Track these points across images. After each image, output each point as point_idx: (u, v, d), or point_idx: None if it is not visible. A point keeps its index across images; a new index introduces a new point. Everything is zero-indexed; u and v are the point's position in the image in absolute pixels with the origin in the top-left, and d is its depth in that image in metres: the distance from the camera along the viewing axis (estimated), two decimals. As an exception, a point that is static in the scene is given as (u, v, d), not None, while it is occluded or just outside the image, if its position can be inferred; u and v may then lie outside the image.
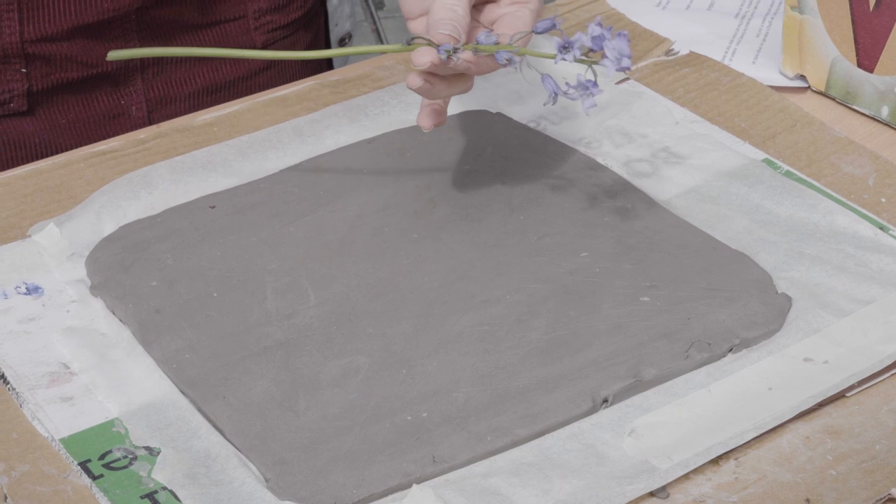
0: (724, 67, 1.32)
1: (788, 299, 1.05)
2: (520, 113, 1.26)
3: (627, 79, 1.30)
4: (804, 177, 1.18)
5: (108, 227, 1.13)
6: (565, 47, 1.02)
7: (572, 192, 1.15)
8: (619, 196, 1.15)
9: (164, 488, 0.92)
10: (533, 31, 1.06)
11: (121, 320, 1.05)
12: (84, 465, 0.94)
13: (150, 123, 1.23)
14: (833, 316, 1.04)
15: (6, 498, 0.92)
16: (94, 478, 0.93)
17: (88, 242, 1.12)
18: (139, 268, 1.08)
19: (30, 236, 1.13)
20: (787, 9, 1.28)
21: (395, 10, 3.41)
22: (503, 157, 1.20)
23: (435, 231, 1.12)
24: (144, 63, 1.33)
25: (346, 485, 0.92)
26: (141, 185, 1.16)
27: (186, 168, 1.18)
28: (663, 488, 0.92)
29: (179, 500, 0.91)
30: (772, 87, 1.30)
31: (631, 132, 1.24)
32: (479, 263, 1.08)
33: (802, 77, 1.30)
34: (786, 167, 1.19)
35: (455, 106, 1.26)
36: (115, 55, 1.05)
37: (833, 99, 1.29)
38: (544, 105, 1.11)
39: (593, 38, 1.01)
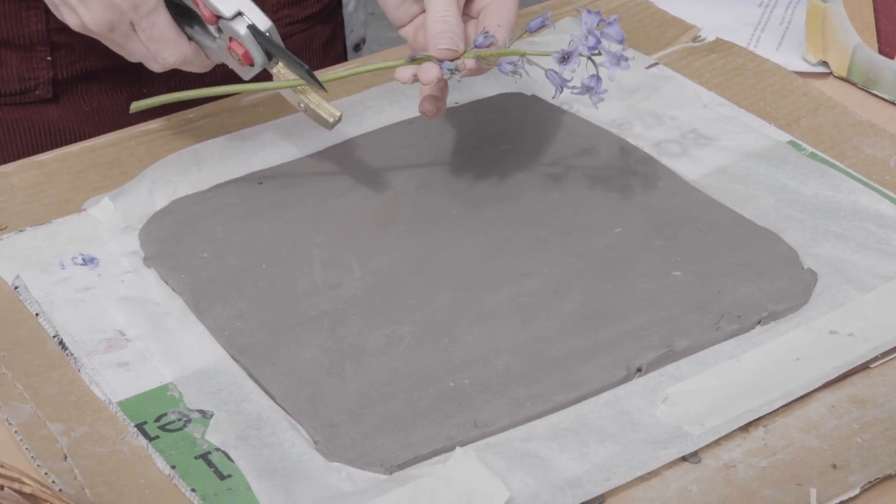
0: (749, 53, 1.32)
1: (814, 274, 1.05)
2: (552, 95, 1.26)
3: (657, 63, 1.30)
4: (828, 158, 1.18)
5: (160, 202, 1.13)
6: (564, 59, 1.02)
7: (605, 172, 1.16)
8: (650, 175, 1.15)
9: (218, 449, 0.93)
10: (527, 30, 1.06)
11: (173, 290, 1.06)
12: (140, 427, 0.95)
13: (173, 112, 1.23)
14: (857, 291, 1.04)
15: (66, 457, 0.92)
16: (150, 439, 0.94)
17: (141, 216, 1.12)
18: (190, 240, 1.09)
19: (85, 210, 1.14)
20: (810, -3, 1.28)
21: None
22: (538, 137, 1.20)
23: (473, 208, 1.12)
24: None
25: (392, 447, 0.92)
26: (191, 162, 1.17)
27: (234, 146, 1.18)
28: (695, 453, 0.93)
29: (232, 461, 0.92)
30: (795, 72, 1.30)
31: (661, 114, 1.24)
32: (517, 239, 1.09)
33: (825, 63, 1.30)
34: (810, 149, 1.19)
35: (492, 88, 1.27)
36: (137, 106, 1.06)
37: (854, 84, 1.29)
38: (552, 98, 1.12)
39: (588, 34, 1.02)
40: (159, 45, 1.08)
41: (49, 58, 1.27)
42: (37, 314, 1.04)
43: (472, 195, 1.13)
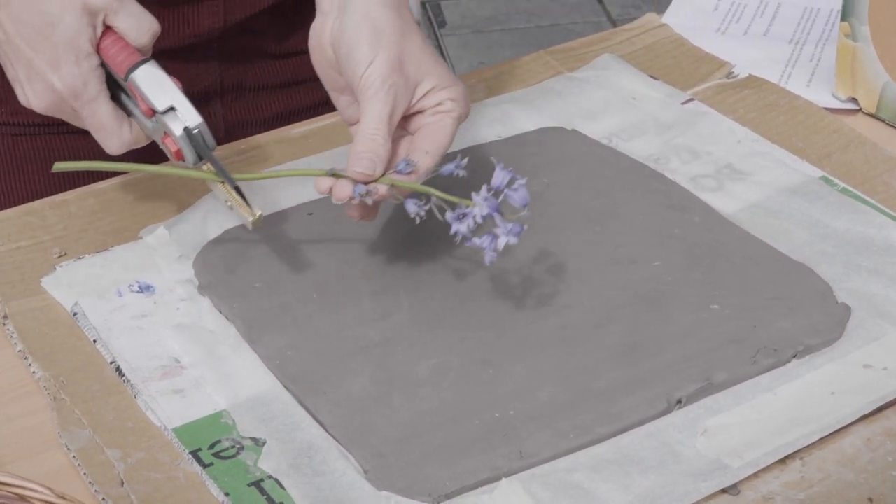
0: (781, 90, 1.30)
1: (848, 309, 1.03)
2: (592, 129, 1.24)
3: (692, 99, 1.27)
4: (859, 193, 1.15)
5: (213, 231, 1.11)
6: (460, 218, 0.96)
7: (644, 206, 1.13)
8: (687, 209, 1.13)
9: (270, 477, 0.91)
10: (439, 173, 1.00)
11: (227, 318, 1.03)
12: (195, 454, 0.93)
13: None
14: (891, 325, 1.02)
15: (123, 483, 0.90)
16: (204, 466, 0.92)
17: (195, 245, 1.10)
18: (243, 270, 1.07)
19: (141, 238, 1.12)
20: (841, 37, 1.26)
21: (456, 27, 3.40)
22: (578, 171, 1.18)
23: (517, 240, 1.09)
24: (224, 88, 1.31)
25: (440, 477, 0.90)
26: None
27: (285, 177, 1.16)
28: (735, 485, 0.90)
29: (284, 489, 0.90)
30: (825, 108, 1.27)
31: (697, 149, 1.21)
32: (559, 271, 1.06)
33: (854, 100, 1.28)
34: (842, 184, 1.16)
35: (534, 122, 1.24)
36: (58, 167, 1.03)
37: (883, 121, 1.26)
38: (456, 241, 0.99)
39: (487, 198, 0.96)
40: (99, 133, 1.05)
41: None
42: (94, 341, 1.02)
43: (516, 228, 1.11)
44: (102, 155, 1.28)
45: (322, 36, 1.03)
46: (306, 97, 1.33)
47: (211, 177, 1.02)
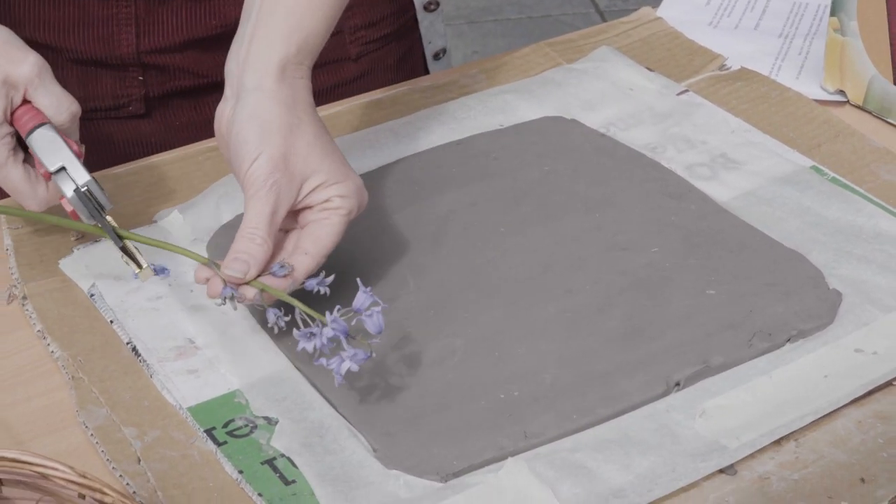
0: (772, 82, 1.28)
1: (839, 295, 1.01)
2: (591, 119, 1.22)
3: (687, 91, 1.26)
4: (848, 183, 1.14)
5: (226, 215, 1.09)
6: (308, 337, 0.91)
7: (642, 194, 1.12)
8: (683, 198, 1.11)
9: (283, 455, 0.89)
10: (304, 287, 0.95)
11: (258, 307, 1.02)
12: (209, 433, 0.91)
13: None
14: (880, 311, 1.00)
15: (139, 460, 0.89)
16: (218, 444, 0.90)
17: (209, 228, 1.08)
18: (255, 253, 1.05)
19: (156, 222, 1.10)
20: (830, 31, 1.24)
21: (451, 18, 3.38)
22: (578, 159, 1.16)
23: (520, 227, 1.08)
24: None
25: (447, 456, 0.88)
26: (255, 178, 1.13)
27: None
28: (732, 466, 0.89)
29: (296, 467, 0.88)
30: (815, 100, 1.26)
31: (692, 139, 1.20)
32: (561, 257, 1.05)
33: (842, 92, 1.26)
34: (831, 174, 1.15)
35: (534, 111, 1.23)
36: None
37: (869, 112, 1.25)
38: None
39: (336, 325, 0.90)
40: (16, 195, 1.02)
41: (141, 77, 1.25)
42: (111, 321, 1.00)
43: (518, 214, 1.09)
44: (136, 140, 1.27)
45: (220, 122, 0.99)
46: (328, 78, 1.31)
47: (100, 231, 0.99)
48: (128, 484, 0.87)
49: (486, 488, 0.86)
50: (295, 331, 0.91)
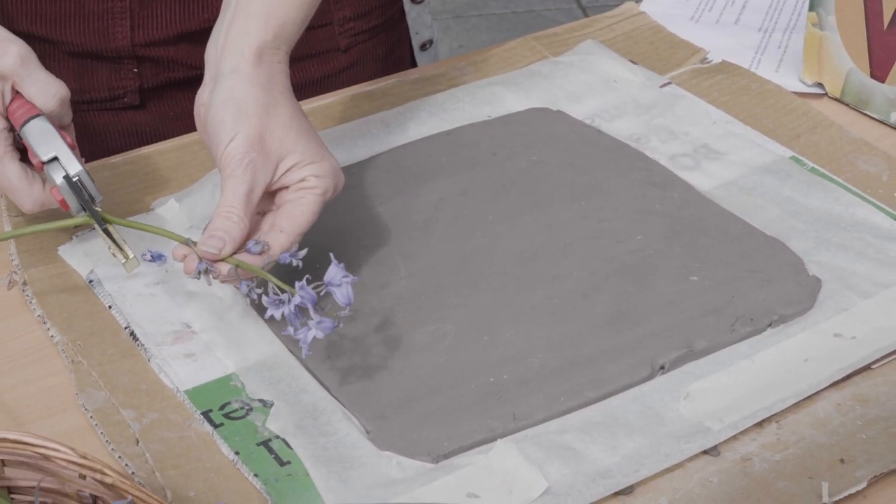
0: (752, 74, 1.28)
1: (819, 281, 1.01)
2: (576, 110, 1.22)
3: (669, 83, 1.25)
4: (827, 173, 1.13)
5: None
6: (276, 304, 0.89)
7: (626, 183, 1.11)
8: (667, 187, 1.11)
9: (278, 437, 0.89)
10: (278, 261, 0.94)
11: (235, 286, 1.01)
12: (206, 415, 0.91)
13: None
14: (858, 297, 1.00)
15: (138, 442, 0.88)
16: (215, 426, 0.90)
17: (204, 216, 1.07)
18: (250, 240, 1.04)
19: (153, 210, 1.10)
20: (808, 25, 1.24)
21: (438, 13, 3.37)
22: (564, 149, 1.15)
23: (508, 214, 1.07)
24: None
25: (438, 438, 0.88)
26: (249, 167, 1.12)
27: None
28: (715, 447, 0.89)
29: (291, 448, 0.88)
30: (794, 92, 1.25)
31: (675, 130, 1.19)
32: (548, 244, 1.04)
33: (820, 85, 1.26)
34: (811, 164, 1.14)
35: (521, 103, 1.22)
36: None
37: (847, 104, 1.24)
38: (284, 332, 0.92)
39: (302, 297, 0.88)
40: (11, 194, 1.01)
41: (136, 69, 1.24)
42: (110, 307, 1.00)
43: (506, 202, 1.09)
44: (132, 130, 1.27)
45: (199, 107, 0.98)
46: (319, 68, 1.31)
47: (86, 221, 0.98)
48: (126, 465, 0.87)
49: (476, 469, 0.86)
50: (264, 298, 0.90)
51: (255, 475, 0.86)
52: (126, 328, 0.98)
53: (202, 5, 1.22)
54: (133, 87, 1.25)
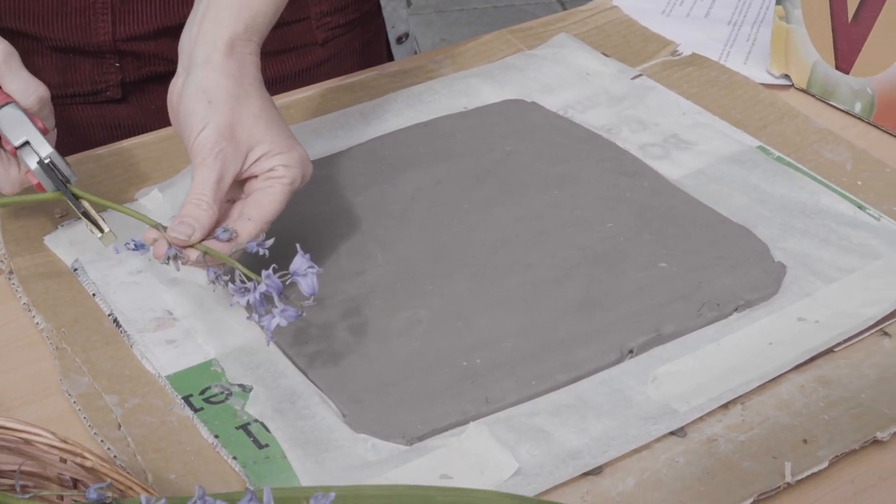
0: (721, 67, 1.27)
1: (783, 267, 1.01)
2: (550, 102, 1.21)
3: (640, 75, 1.25)
4: (792, 162, 1.13)
5: (204, 194, 1.08)
6: (242, 292, 0.89)
7: (598, 172, 1.11)
8: (637, 176, 1.10)
9: (256, 421, 0.88)
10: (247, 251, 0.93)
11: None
12: (187, 399, 0.90)
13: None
14: (822, 282, 0.99)
15: (120, 426, 0.88)
16: (195, 410, 0.89)
17: (186, 207, 1.07)
18: (230, 229, 1.04)
19: (137, 200, 1.09)
20: (776, 19, 1.24)
21: (421, 8, 3.37)
22: (538, 140, 1.15)
23: (482, 204, 1.07)
24: None
25: (413, 421, 0.88)
26: (230, 158, 1.11)
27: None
28: (682, 428, 0.88)
29: (269, 432, 0.87)
30: (761, 84, 1.25)
31: (645, 121, 1.19)
32: (522, 232, 1.04)
33: (787, 76, 1.25)
34: (777, 153, 1.14)
35: (496, 95, 1.22)
36: None
37: (813, 95, 1.24)
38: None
39: (269, 281, 0.88)
40: None
41: (117, 64, 1.23)
42: (93, 294, 0.99)
43: (481, 192, 1.08)
44: (114, 123, 1.26)
45: (172, 96, 0.97)
46: (297, 62, 1.30)
47: (59, 196, 0.97)
48: (108, 449, 0.86)
49: (450, 451, 0.86)
50: (230, 286, 0.90)
51: (234, 458, 0.85)
52: (109, 315, 0.97)
53: (181, 1, 1.21)
54: (115, 81, 1.25)
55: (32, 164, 0.97)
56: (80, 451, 0.73)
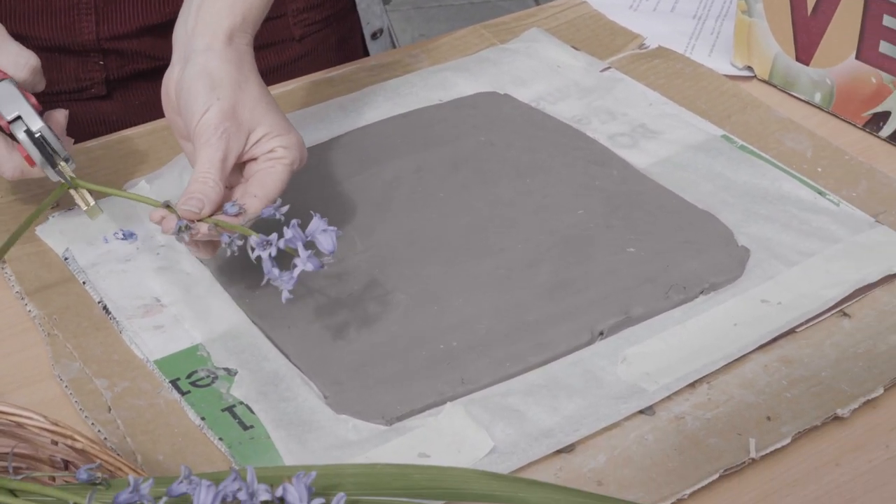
0: (686, 59, 1.27)
1: (747, 251, 1.00)
2: (522, 94, 1.21)
3: (609, 68, 1.24)
4: (755, 150, 1.13)
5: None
6: (264, 245, 0.88)
7: (569, 161, 1.10)
8: (606, 164, 1.10)
9: (241, 403, 0.88)
10: (260, 215, 0.92)
11: (202, 262, 1.00)
12: (174, 383, 0.89)
13: None
14: (784, 265, 0.99)
15: (110, 409, 0.87)
16: (182, 393, 0.89)
17: (173, 196, 1.04)
18: (216, 218, 1.03)
19: (124, 191, 1.08)
20: (738, 13, 1.23)
21: (399, 4, 3.36)
22: (511, 130, 1.14)
23: (458, 191, 1.06)
24: None
25: (391, 402, 0.87)
26: (215, 150, 1.10)
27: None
28: (650, 407, 0.88)
29: (254, 414, 0.87)
30: (725, 75, 1.24)
31: (614, 111, 1.18)
32: (495, 218, 1.03)
33: (749, 68, 1.25)
34: (740, 142, 1.14)
35: (471, 87, 1.21)
36: None
37: (774, 86, 1.23)
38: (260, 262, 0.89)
39: (287, 240, 0.87)
40: None
41: (101, 62, 1.22)
42: (84, 282, 0.98)
43: (457, 180, 1.08)
44: (100, 119, 1.25)
45: (169, 85, 0.97)
46: (276, 57, 1.29)
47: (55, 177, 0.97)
48: (99, 431, 0.86)
49: (427, 430, 0.85)
50: (252, 239, 0.88)
51: (220, 439, 0.85)
52: (99, 303, 0.96)
53: (163, 0, 1.20)
54: (99, 79, 1.24)
55: (20, 134, 0.96)
56: (71, 434, 0.72)
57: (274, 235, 0.88)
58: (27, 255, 1.01)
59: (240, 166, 0.96)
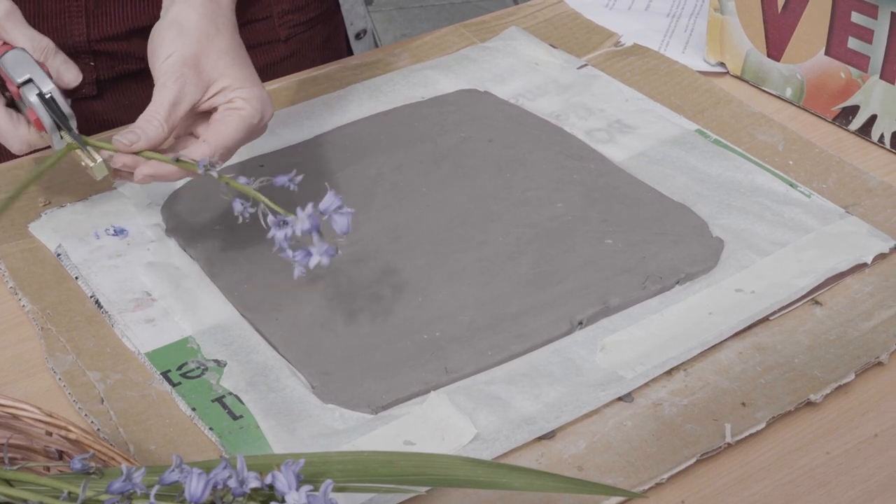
0: (661, 56, 1.27)
1: (721, 242, 1.00)
2: (502, 91, 1.20)
3: (586, 65, 1.24)
4: (729, 144, 1.13)
5: (179, 182, 1.06)
6: (280, 225, 0.85)
7: (547, 156, 1.10)
8: (584, 159, 1.10)
9: (231, 394, 0.87)
10: (272, 183, 0.88)
11: (191, 257, 1.00)
12: (165, 375, 0.89)
13: None
14: (757, 255, 0.99)
15: (103, 401, 0.87)
16: (173, 385, 0.88)
17: (163, 194, 1.06)
18: (205, 215, 1.03)
19: (116, 188, 1.08)
20: (711, 11, 1.23)
21: (382, 4, 3.35)
22: (491, 126, 1.14)
23: (440, 186, 1.06)
24: None
25: (377, 391, 0.87)
26: (204, 148, 1.10)
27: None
28: (629, 394, 0.88)
29: (243, 404, 0.86)
30: (699, 71, 1.24)
31: (591, 107, 1.18)
32: (476, 212, 1.03)
33: (722, 64, 1.25)
34: (714, 136, 1.14)
35: (452, 85, 1.21)
36: None
37: (746, 82, 1.23)
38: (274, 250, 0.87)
39: (310, 219, 0.84)
40: (0, 137, 0.97)
41: (92, 63, 1.21)
42: (76, 277, 0.98)
43: (438, 175, 1.08)
44: (91, 118, 1.24)
45: (152, 39, 0.96)
46: (262, 58, 1.28)
47: (67, 149, 0.94)
48: (92, 422, 0.85)
49: (412, 418, 0.85)
50: (270, 218, 0.85)
51: (211, 429, 0.85)
52: (91, 297, 0.96)
53: (152, 3, 1.20)
54: (90, 80, 1.23)
55: (32, 96, 0.94)
56: (64, 425, 0.72)
57: (292, 220, 0.85)
58: (20, 251, 1.01)
59: (206, 114, 0.95)
